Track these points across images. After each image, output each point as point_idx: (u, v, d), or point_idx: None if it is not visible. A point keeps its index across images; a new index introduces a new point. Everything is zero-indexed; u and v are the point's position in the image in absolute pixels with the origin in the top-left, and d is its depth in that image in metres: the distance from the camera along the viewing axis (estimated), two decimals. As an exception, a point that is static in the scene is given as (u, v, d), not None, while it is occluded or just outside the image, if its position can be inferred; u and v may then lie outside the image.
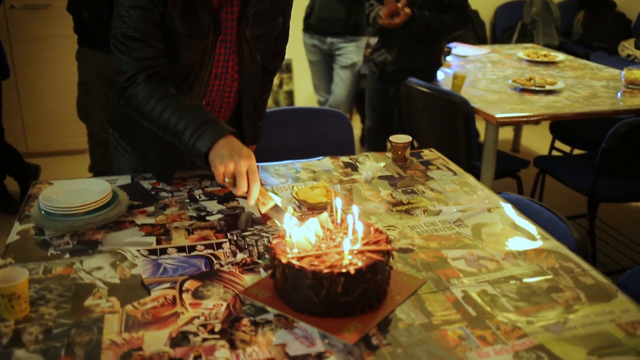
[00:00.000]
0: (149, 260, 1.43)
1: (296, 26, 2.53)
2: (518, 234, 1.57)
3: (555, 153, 4.11)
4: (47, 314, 1.22)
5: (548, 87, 3.30)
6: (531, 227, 1.60)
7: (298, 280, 1.20)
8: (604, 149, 2.78)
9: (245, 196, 1.45)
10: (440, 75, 3.58)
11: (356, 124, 4.89)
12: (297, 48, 4.33)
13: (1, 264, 1.40)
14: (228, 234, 1.55)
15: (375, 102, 3.70)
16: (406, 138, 2.01)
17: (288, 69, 5.47)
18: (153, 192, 1.78)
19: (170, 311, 1.24)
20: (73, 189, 1.65)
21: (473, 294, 1.30)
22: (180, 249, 1.48)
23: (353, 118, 5.26)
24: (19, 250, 1.47)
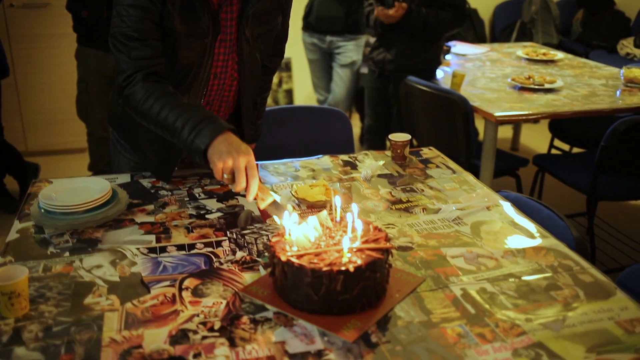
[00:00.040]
0: (149, 258, 1.43)
1: (295, 25, 2.53)
2: (517, 232, 1.57)
3: (554, 151, 4.11)
4: (47, 312, 1.22)
5: (547, 86, 3.30)
6: (530, 225, 1.61)
7: (297, 278, 1.20)
8: (603, 147, 2.78)
9: (244, 194, 1.45)
10: (439, 73, 3.58)
11: (355, 123, 4.90)
12: (297, 47, 4.33)
13: (1, 262, 1.40)
14: (227, 232, 1.55)
15: (374, 101, 3.70)
16: (405, 136, 2.02)
17: (287, 68, 5.47)
18: (153, 191, 1.78)
19: (170, 309, 1.24)
20: (73, 188, 1.65)
21: (472, 292, 1.31)
22: (179, 247, 1.48)
23: (352, 117, 5.26)
24: (19, 248, 1.47)
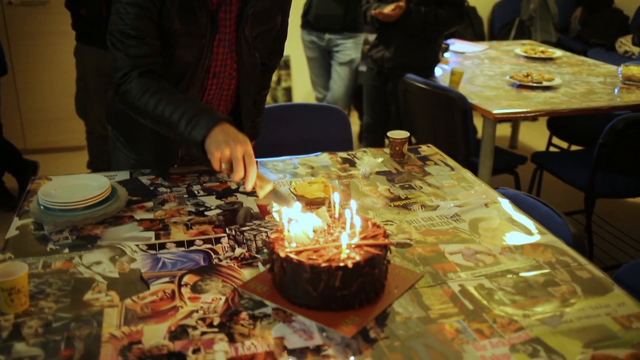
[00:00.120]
0: (148, 254, 1.43)
1: (294, 23, 2.53)
2: (515, 229, 1.58)
3: (552, 149, 4.12)
4: (47, 308, 1.22)
5: (545, 84, 3.30)
6: (528, 222, 1.61)
7: (296, 274, 1.20)
8: (601, 145, 2.79)
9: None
10: (437, 71, 3.59)
11: (354, 121, 4.89)
12: (295, 45, 4.34)
13: (0, 259, 1.40)
14: (226, 229, 1.55)
15: (373, 99, 3.70)
16: (404, 134, 2.02)
17: (286, 66, 5.47)
18: (152, 188, 1.79)
19: (169, 305, 1.24)
20: (72, 185, 1.66)
21: (470, 288, 1.31)
22: (179, 244, 1.48)
23: (351, 114, 5.26)
24: (18, 245, 1.47)
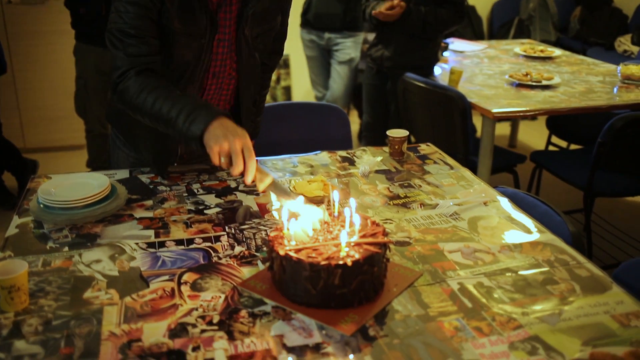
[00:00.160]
0: (148, 253, 1.43)
1: (293, 22, 2.53)
2: (514, 227, 1.58)
3: (551, 148, 4.12)
4: (47, 306, 1.23)
5: (544, 82, 3.31)
6: (527, 221, 1.62)
7: (296, 272, 1.21)
8: (600, 144, 2.79)
9: (245, 190, 1.45)
10: (437, 70, 3.59)
11: (354, 120, 4.90)
12: (295, 43, 4.34)
13: (0, 257, 1.40)
14: (226, 227, 1.56)
15: (372, 98, 3.71)
16: (403, 132, 2.02)
17: (285, 65, 5.47)
18: (151, 186, 1.79)
19: (169, 303, 1.24)
20: (72, 183, 1.66)
21: (469, 286, 1.31)
22: (178, 242, 1.48)
23: (351, 113, 5.26)
24: (18, 243, 1.47)
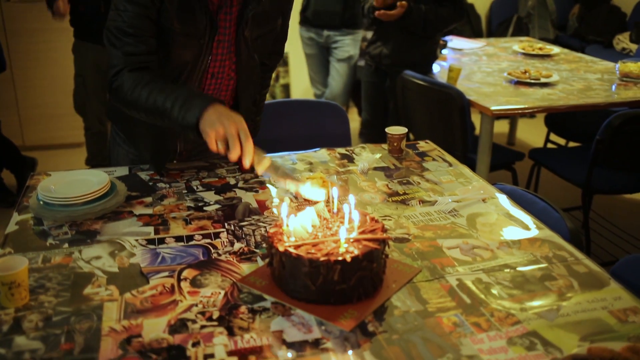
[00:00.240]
0: (148, 249, 1.44)
1: (292, 19, 2.52)
2: (512, 224, 1.58)
3: (550, 146, 4.12)
4: (47, 302, 1.23)
5: (543, 80, 3.31)
6: (525, 217, 1.62)
7: (295, 268, 1.21)
8: (598, 141, 2.80)
9: (244, 188, 1.46)
10: (435, 68, 3.59)
11: (355, 117, 4.89)
12: (294, 41, 4.33)
13: (0, 254, 1.41)
14: (225, 224, 1.56)
15: (371, 95, 3.71)
16: (402, 130, 2.03)
17: (284, 63, 5.47)
18: (151, 183, 1.79)
19: (168, 299, 1.25)
20: (71, 180, 1.66)
21: (468, 282, 1.32)
22: (178, 239, 1.49)
23: (350, 111, 5.26)
24: (18, 240, 1.48)
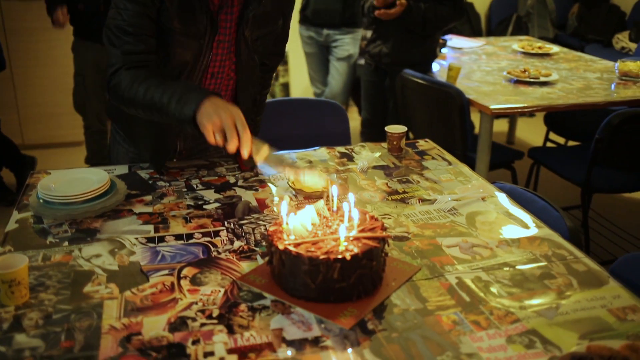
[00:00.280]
0: (147, 247, 1.44)
1: (292, 18, 2.52)
2: (512, 222, 1.59)
3: (549, 144, 4.13)
4: (47, 300, 1.23)
5: (542, 79, 3.31)
6: (525, 216, 1.62)
7: (295, 266, 1.21)
8: (598, 140, 2.80)
9: (244, 186, 1.46)
10: (435, 67, 3.59)
11: (355, 116, 4.89)
12: (293, 40, 4.32)
13: (0, 252, 1.41)
14: (225, 223, 1.56)
15: (370, 94, 3.71)
16: (401, 128, 2.03)
17: (284, 61, 5.47)
18: (150, 182, 1.79)
19: (168, 297, 1.25)
20: (71, 178, 1.66)
21: (467, 281, 1.32)
22: (178, 237, 1.49)
23: (350, 110, 5.26)
24: (18, 238, 1.48)
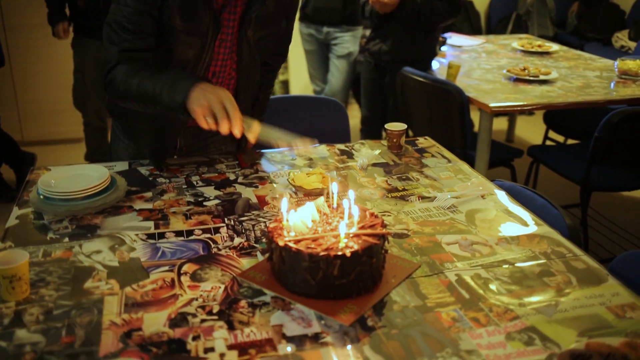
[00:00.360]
0: (148, 244, 1.44)
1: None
2: (511, 220, 1.59)
3: (549, 143, 4.13)
4: (48, 296, 1.23)
5: (542, 77, 3.32)
6: (524, 213, 1.63)
7: (295, 262, 1.22)
8: (597, 139, 2.80)
9: (244, 183, 1.46)
10: (435, 64, 3.60)
11: (355, 114, 4.88)
12: (293, 37, 4.32)
13: (1, 248, 1.41)
14: (225, 219, 1.56)
15: (370, 92, 3.71)
16: (401, 126, 2.03)
17: (283, 59, 5.46)
18: (151, 178, 1.79)
19: (169, 293, 1.25)
20: (71, 175, 1.66)
21: (467, 278, 1.33)
22: (178, 234, 1.49)
23: (352, 107, 5.26)
24: (19, 234, 1.48)
